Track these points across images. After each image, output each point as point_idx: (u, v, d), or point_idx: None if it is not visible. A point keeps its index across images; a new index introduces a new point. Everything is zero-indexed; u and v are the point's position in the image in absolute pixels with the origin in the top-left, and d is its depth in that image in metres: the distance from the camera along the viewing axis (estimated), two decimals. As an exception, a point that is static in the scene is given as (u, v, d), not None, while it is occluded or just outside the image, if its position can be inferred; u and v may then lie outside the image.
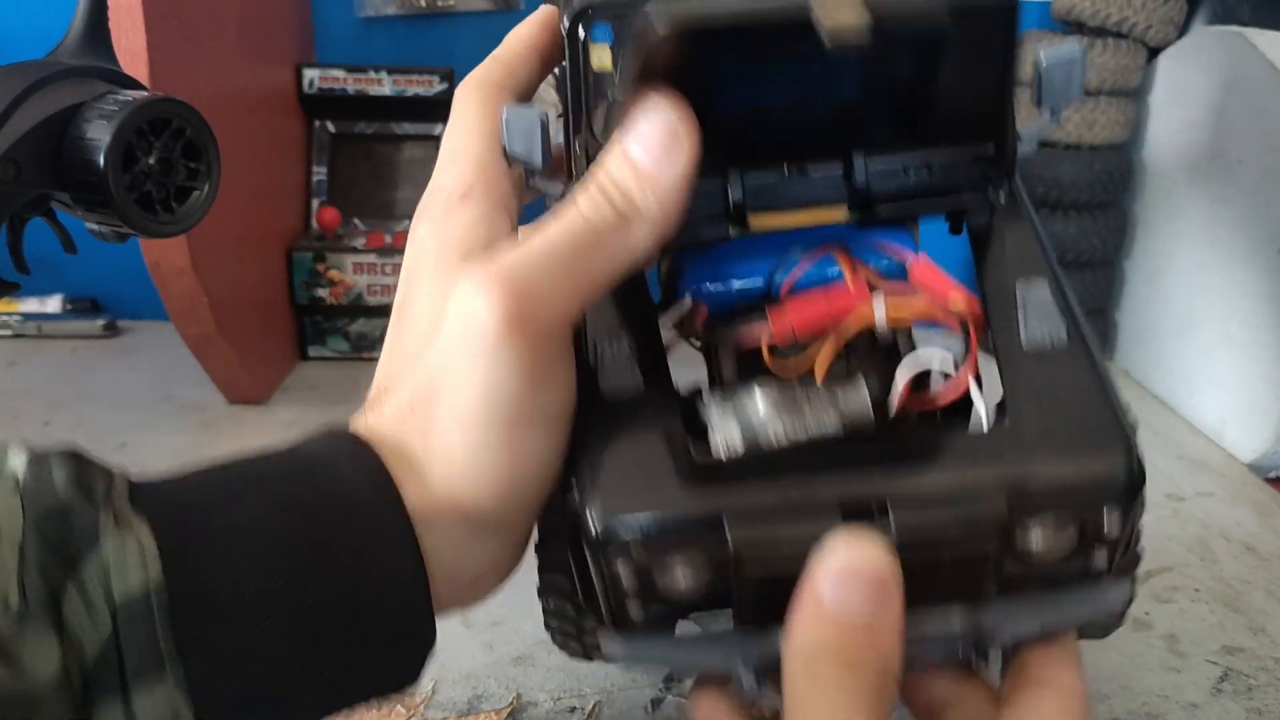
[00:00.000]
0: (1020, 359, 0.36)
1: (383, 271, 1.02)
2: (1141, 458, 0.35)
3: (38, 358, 1.05)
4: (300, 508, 0.31)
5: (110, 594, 0.28)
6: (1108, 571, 0.35)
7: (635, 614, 0.34)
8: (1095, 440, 0.35)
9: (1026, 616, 0.35)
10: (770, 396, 0.36)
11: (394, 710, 0.52)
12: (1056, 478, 0.33)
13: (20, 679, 0.25)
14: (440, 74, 1.04)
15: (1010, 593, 0.34)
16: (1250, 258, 0.89)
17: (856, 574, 0.29)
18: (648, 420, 0.34)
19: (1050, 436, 0.34)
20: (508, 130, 0.42)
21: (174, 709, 0.27)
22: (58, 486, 0.29)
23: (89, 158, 0.49)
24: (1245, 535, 0.72)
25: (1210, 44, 0.98)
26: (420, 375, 0.34)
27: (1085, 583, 0.35)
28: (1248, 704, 0.54)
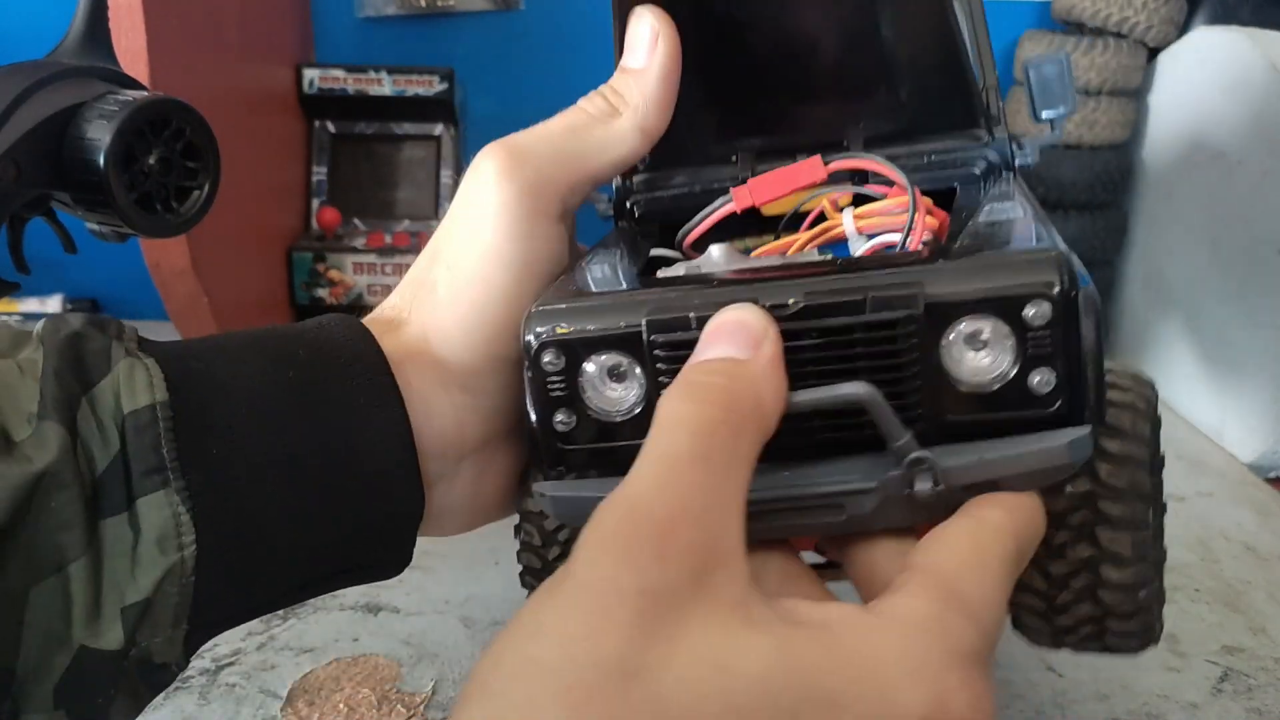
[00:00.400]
0: (973, 226, 0.38)
1: (383, 271, 1.02)
2: (1078, 271, 0.33)
3: (38, 358, 1.05)
4: (291, 358, 0.34)
5: (120, 412, 0.29)
6: (1056, 405, 0.33)
7: (564, 428, 0.35)
8: (1024, 256, 0.34)
9: (965, 454, 0.33)
10: (725, 251, 0.39)
11: (394, 710, 0.53)
12: (976, 279, 0.33)
13: (28, 466, 0.27)
14: (440, 74, 1.04)
15: (952, 438, 0.33)
16: (1250, 258, 0.89)
17: (721, 326, 0.31)
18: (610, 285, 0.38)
19: (976, 255, 0.34)
20: None
21: (175, 516, 0.29)
22: (74, 323, 0.32)
23: (89, 158, 0.50)
24: (1245, 535, 0.72)
25: (1210, 44, 0.98)
26: (426, 251, 0.39)
27: (1032, 426, 0.33)
28: (1248, 704, 0.54)
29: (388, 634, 0.59)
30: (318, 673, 0.56)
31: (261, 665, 0.56)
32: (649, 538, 0.24)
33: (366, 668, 0.56)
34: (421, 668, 0.56)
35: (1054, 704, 0.54)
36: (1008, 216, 0.39)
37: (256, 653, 0.57)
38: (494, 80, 1.14)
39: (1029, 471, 0.33)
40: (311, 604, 0.62)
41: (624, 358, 0.34)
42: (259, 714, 0.52)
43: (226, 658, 0.57)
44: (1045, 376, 0.33)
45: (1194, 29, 1.04)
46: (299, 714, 0.52)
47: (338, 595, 0.63)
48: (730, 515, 0.26)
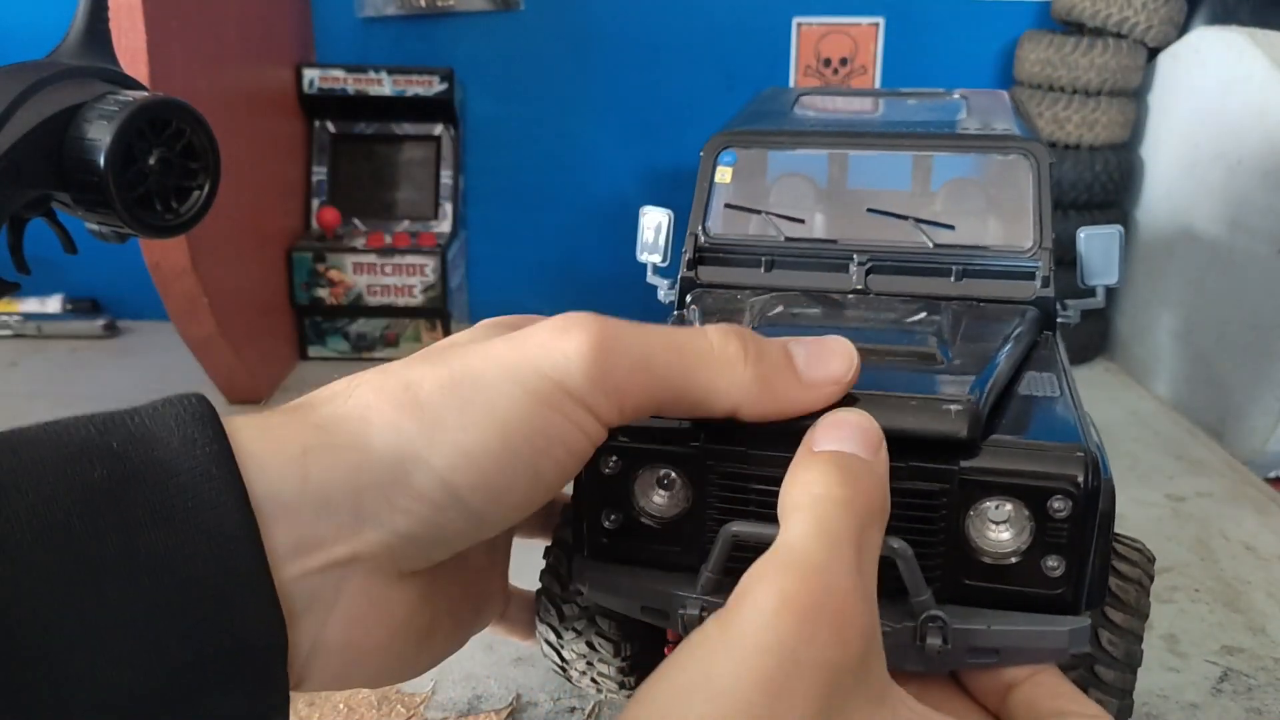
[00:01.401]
0: (1013, 400, 0.40)
1: (383, 271, 1.02)
2: (1103, 467, 0.36)
3: (38, 358, 1.05)
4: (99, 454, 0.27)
5: None
6: (1063, 590, 0.36)
7: (612, 525, 0.38)
8: (1056, 442, 0.36)
9: (975, 621, 0.36)
10: None
11: (394, 710, 0.53)
12: (1007, 462, 0.36)
13: None
14: (440, 74, 1.04)
15: (964, 600, 0.36)
16: (1250, 258, 0.89)
17: (847, 422, 0.31)
18: None
19: (1015, 432, 0.37)
20: (642, 223, 0.56)
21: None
22: None
23: (89, 158, 0.49)
24: (1245, 535, 0.72)
25: (1210, 44, 0.98)
26: (442, 368, 0.31)
27: (1038, 602, 0.36)
28: (1247, 704, 0.54)
29: (388, 634, 0.59)
30: (318, 673, 0.56)
31: (261, 665, 0.56)
32: (830, 613, 0.25)
33: (366, 668, 0.56)
34: (421, 668, 0.56)
35: (1054, 704, 0.54)
36: (1045, 394, 0.41)
37: (256, 653, 0.57)
38: (494, 80, 1.14)
39: (1030, 649, 0.36)
40: (311, 604, 0.62)
41: (675, 471, 0.37)
42: (259, 714, 0.52)
43: (226, 658, 0.57)
44: (1057, 562, 0.36)
45: (1194, 29, 1.04)
46: (299, 714, 0.52)
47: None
48: (876, 605, 0.28)
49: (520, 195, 1.19)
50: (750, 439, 0.35)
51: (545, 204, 1.19)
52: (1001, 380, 0.39)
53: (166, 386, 1.05)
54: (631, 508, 0.38)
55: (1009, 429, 0.37)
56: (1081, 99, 1.02)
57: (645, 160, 1.17)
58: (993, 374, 0.39)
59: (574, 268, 1.20)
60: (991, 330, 0.45)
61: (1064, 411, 0.39)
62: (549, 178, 1.19)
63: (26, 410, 0.91)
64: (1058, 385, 0.42)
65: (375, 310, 1.03)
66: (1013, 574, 0.36)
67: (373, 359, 1.05)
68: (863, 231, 0.53)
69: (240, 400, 0.93)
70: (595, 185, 1.19)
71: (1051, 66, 1.03)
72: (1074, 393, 0.42)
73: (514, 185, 1.19)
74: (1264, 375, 0.86)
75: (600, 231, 1.18)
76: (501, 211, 1.19)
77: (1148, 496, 0.78)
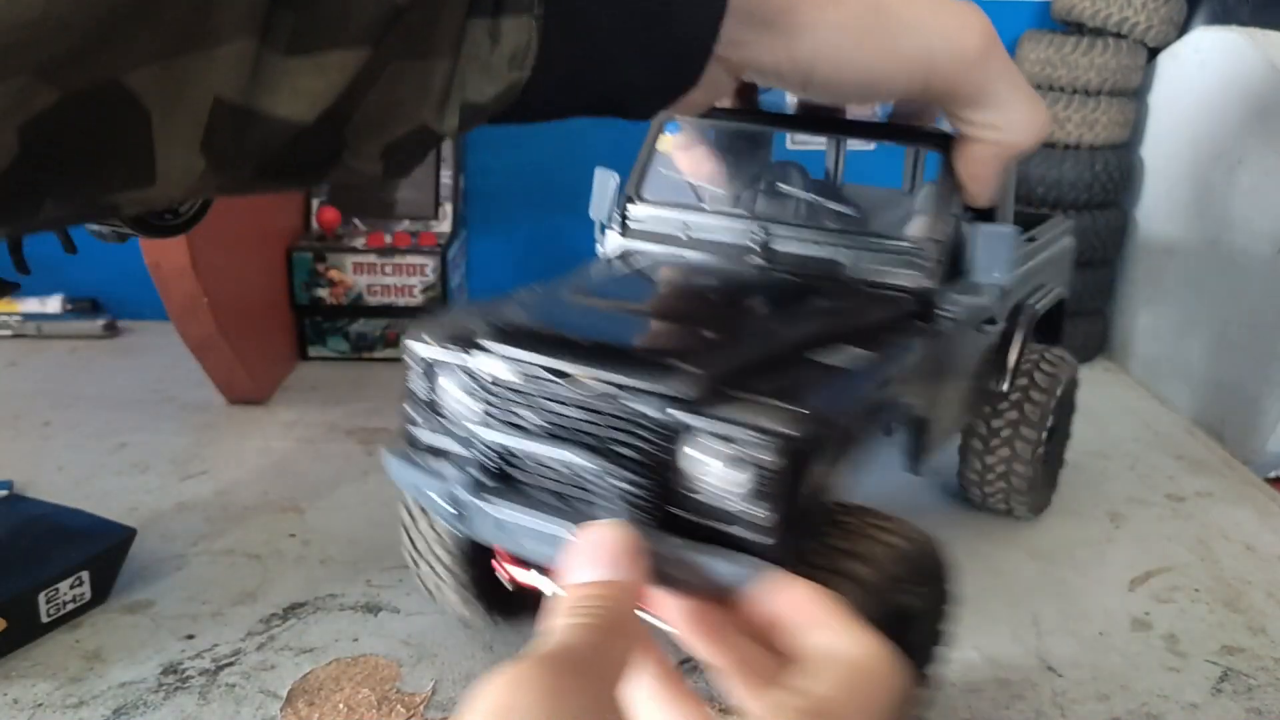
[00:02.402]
0: (795, 367, 0.45)
1: (383, 271, 1.02)
2: (826, 433, 0.41)
3: (38, 358, 1.06)
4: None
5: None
6: (770, 538, 0.40)
7: (420, 423, 0.48)
8: (781, 404, 0.41)
9: (661, 543, 0.41)
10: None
11: (394, 710, 0.53)
12: (736, 413, 0.40)
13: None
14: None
15: (671, 529, 0.41)
16: (1250, 258, 0.89)
17: (589, 545, 0.31)
18: None
19: (757, 392, 0.41)
20: (595, 183, 0.63)
21: (529, 39, 0.32)
22: None
23: (89, 158, 0.49)
24: (1245, 535, 0.72)
25: (1210, 44, 0.98)
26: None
27: (748, 546, 0.41)
28: (1248, 704, 0.54)
29: (388, 634, 0.59)
30: (318, 673, 0.56)
31: (261, 665, 0.56)
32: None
33: (366, 668, 0.56)
34: (421, 668, 0.56)
35: (1054, 704, 0.54)
36: (836, 364, 0.46)
37: (256, 653, 0.57)
38: (494, 80, 1.14)
39: (703, 583, 0.40)
40: (311, 604, 0.62)
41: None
42: (259, 714, 0.52)
43: (226, 658, 0.57)
44: (764, 511, 0.40)
45: (1194, 29, 1.03)
46: (299, 714, 0.52)
47: (338, 595, 0.63)
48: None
49: (520, 195, 1.19)
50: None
51: (545, 204, 1.19)
52: (768, 352, 0.45)
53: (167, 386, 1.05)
54: (435, 409, 0.48)
55: (756, 389, 0.41)
56: (1081, 99, 1.02)
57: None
58: (752, 347, 0.45)
59: (574, 268, 1.20)
60: (812, 309, 0.50)
61: (833, 381, 0.44)
62: (549, 178, 1.19)
63: (26, 410, 0.91)
64: (864, 362, 0.46)
65: (375, 310, 1.03)
66: (727, 518, 0.41)
67: (373, 359, 1.05)
68: (779, 210, 0.57)
69: (240, 400, 0.93)
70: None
71: (1051, 66, 1.03)
72: (885, 370, 0.47)
73: (514, 185, 1.19)
74: (1264, 375, 0.86)
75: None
76: (501, 211, 1.19)
77: (1148, 496, 0.78)
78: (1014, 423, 0.68)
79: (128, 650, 0.57)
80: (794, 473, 0.40)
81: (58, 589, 0.58)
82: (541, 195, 1.19)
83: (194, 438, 0.86)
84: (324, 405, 0.93)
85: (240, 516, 0.73)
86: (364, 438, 0.86)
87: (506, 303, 0.50)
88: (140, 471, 0.79)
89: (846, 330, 0.48)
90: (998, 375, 0.65)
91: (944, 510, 0.75)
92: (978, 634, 0.60)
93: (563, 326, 0.48)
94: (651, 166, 0.62)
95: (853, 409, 0.43)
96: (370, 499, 0.76)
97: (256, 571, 0.66)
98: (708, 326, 0.47)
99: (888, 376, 0.47)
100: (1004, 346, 0.65)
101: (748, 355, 0.44)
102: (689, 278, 0.55)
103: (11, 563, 0.59)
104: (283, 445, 0.85)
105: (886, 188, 0.72)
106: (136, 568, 0.65)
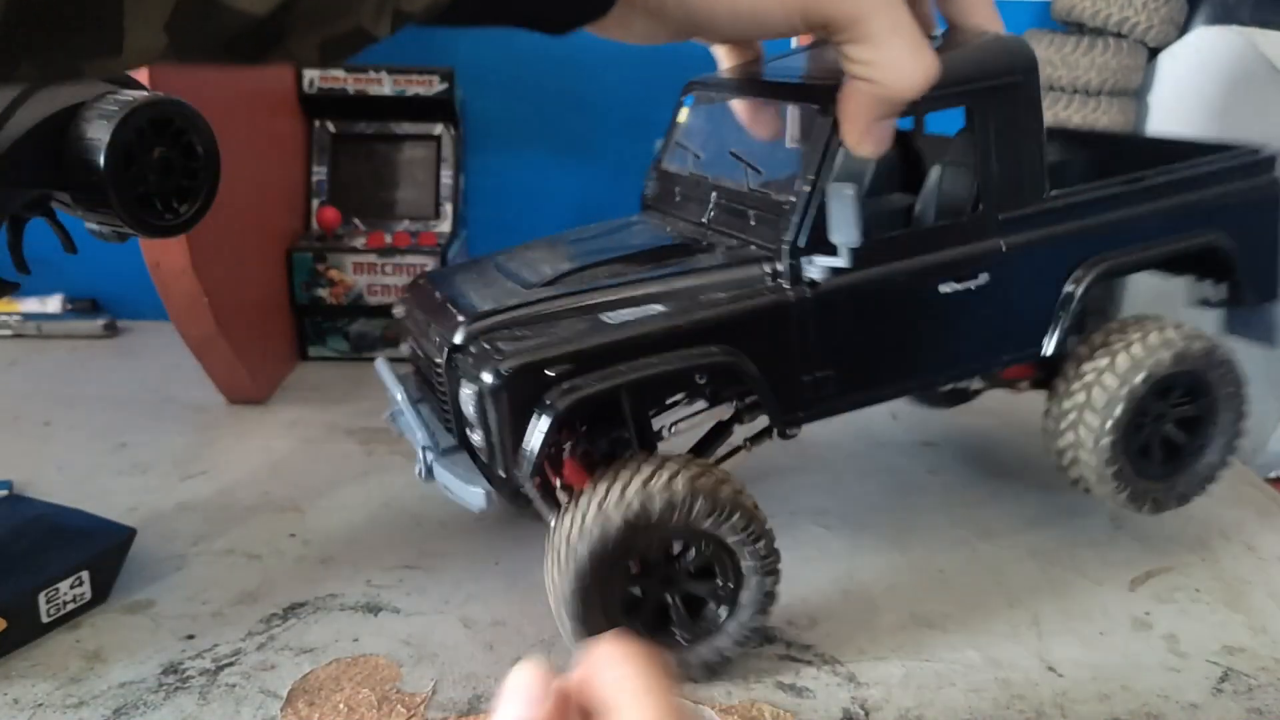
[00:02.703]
0: (575, 319, 0.55)
1: (383, 271, 1.02)
2: (526, 370, 0.50)
3: (38, 358, 1.06)
4: None
5: None
6: (487, 460, 0.53)
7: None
8: (501, 350, 0.52)
9: (441, 464, 0.59)
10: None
11: (394, 710, 0.53)
12: (471, 357, 0.53)
13: None
14: (440, 74, 1.04)
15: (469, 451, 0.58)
16: (1250, 258, 0.88)
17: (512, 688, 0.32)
18: None
19: (493, 333, 0.54)
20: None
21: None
22: None
23: (89, 158, 0.49)
24: (1245, 535, 0.72)
25: (1210, 44, 0.98)
26: None
27: (480, 467, 0.56)
28: (1248, 704, 0.54)
29: (388, 634, 0.59)
30: (318, 673, 0.56)
31: (261, 665, 0.56)
32: None
33: (366, 668, 0.56)
34: (421, 668, 0.56)
35: (1054, 704, 0.54)
36: (617, 321, 0.53)
37: (256, 653, 0.57)
38: (494, 80, 1.14)
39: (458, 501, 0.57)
40: (311, 604, 0.62)
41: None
42: (259, 714, 0.52)
43: (226, 658, 0.57)
44: (479, 436, 0.53)
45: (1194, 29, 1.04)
46: (299, 714, 0.52)
47: (338, 595, 0.63)
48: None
49: (520, 195, 1.19)
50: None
51: (545, 204, 1.19)
52: (550, 309, 0.54)
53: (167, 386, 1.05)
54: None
55: (500, 338, 0.52)
56: (1082, 99, 1.02)
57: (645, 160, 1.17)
58: (539, 305, 0.55)
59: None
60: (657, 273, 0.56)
61: (585, 337, 0.52)
62: (549, 178, 1.19)
63: (26, 410, 0.91)
64: (648, 322, 0.53)
65: (375, 310, 1.03)
66: (467, 441, 0.55)
67: (373, 359, 1.05)
68: (732, 174, 0.61)
69: (240, 400, 0.93)
70: (595, 185, 1.19)
71: (1052, 66, 1.03)
72: (649, 326, 0.53)
73: (514, 185, 1.19)
74: (1264, 375, 0.86)
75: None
76: (501, 211, 1.19)
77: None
78: (1080, 405, 0.63)
79: (128, 650, 0.57)
80: (498, 405, 0.50)
81: (58, 589, 0.58)
82: (541, 195, 1.19)
83: (194, 438, 0.86)
84: (324, 405, 0.93)
85: (240, 516, 0.73)
86: (364, 438, 0.86)
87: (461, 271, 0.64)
88: (140, 471, 0.79)
89: (666, 291, 0.55)
90: (1048, 336, 0.62)
91: (944, 510, 0.75)
92: (978, 634, 0.60)
93: (452, 294, 0.59)
94: (673, 139, 0.69)
95: (573, 357, 0.51)
96: (370, 499, 0.76)
97: (256, 571, 0.66)
98: (532, 286, 0.57)
99: (646, 333, 0.53)
100: (1064, 304, 0.62)
101: (526, 311, 0.54)
102: (581, 242, 0.64)
103: (11, 563, 0.59)
104: (283, 445, 0.85)
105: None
106: (136, 568, 0.65)
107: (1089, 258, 0.62)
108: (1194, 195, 0.63)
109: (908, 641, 0.59)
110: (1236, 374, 0.65)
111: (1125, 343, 0.63)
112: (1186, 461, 0.66)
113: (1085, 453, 0.63)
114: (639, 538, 0.51)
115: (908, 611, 0.62)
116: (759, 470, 0.80)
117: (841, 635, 0.59)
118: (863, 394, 0.59)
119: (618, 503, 0.50)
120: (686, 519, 0.51)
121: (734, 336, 0.54)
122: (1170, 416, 0.65)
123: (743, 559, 0.53)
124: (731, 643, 0.54)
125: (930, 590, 0.64)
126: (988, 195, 0.58)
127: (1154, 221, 0.63)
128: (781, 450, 0.84)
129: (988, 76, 0.56)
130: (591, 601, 0.51)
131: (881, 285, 0.57)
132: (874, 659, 0.57)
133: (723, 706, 0.53)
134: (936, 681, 0.55)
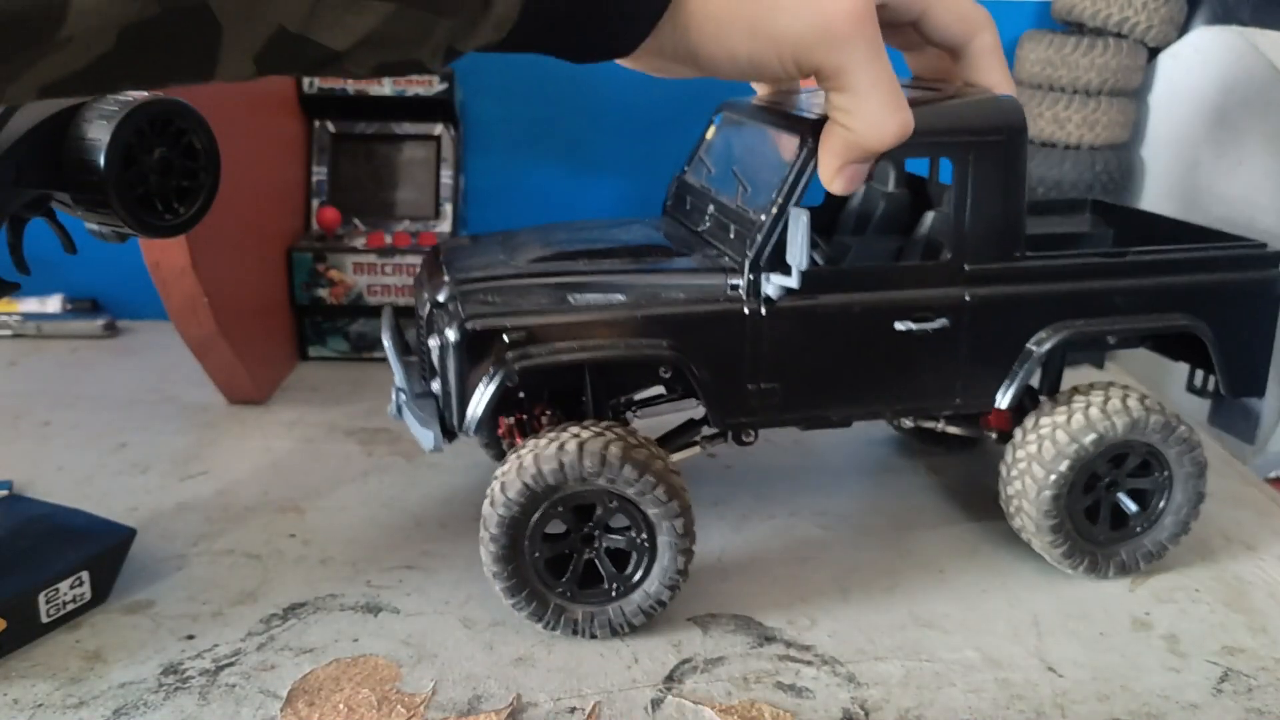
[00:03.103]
0: (554, 292, 0.59)
1: (383, 271, 1.02)
2: (482, 332, 0.56)
3: (38, 358, 1.06)
4: None
5: None
6: (440, 409, 0.60)
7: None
8: (463, 313, 0.57)
9: (415, 404, 0.63)
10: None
11: (394, 710, 0.53)
12: (447, 308, 0.59)
13: None
14: (440, 74, 1.04)
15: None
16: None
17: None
18: None
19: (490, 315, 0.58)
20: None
21: (515, 12, 0.39)
22: None
23: (89, 158, 0.50)
24: (1245, 535, 0.72)
25: (1210, 44, 0.98)
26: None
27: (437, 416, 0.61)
28: (1248, 704, 0.54)
29: (388, 634, 0.59)
30: (318, 673, 0.56)
31: (261, 665, 0.56)
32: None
33: (366, 668, 0.56)
34: (421, 668, 0.56)
35: (1054, 704, 0.54)
36: (586, 302, 0.58)
37: (256, 653, 0.57)
38: (494, 80, 1.14)
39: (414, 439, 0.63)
40: (311, 604, 0.62)
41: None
42: (259, 714, 0.52)
43: (226, 658, 0.57)
44: (437, 385, 0.60)
45: (1194, 29, 1.03)
46: (299, 714, 0.52)
47: (338, 595, 0.63)
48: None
49: (520, 194, 1.19)
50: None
51: (545, 204, 1.19)
52: (526, 283, 0.59)
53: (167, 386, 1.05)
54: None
55: (471, 300, 0.58)
56: (1082, 99, 1.02)
57: (645, 161, 1.17)
58: (518, 277, 0.59)
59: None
60: (633, 265, 0.61)
61: (547, 309, 0.57)
62: (549, 178, 1.19)
63: (26, 410, 0.91)
64: (607, 308, 0.58)
65: (375, 310, 1.03)
66: (435, 388, 0.60)
67: (373, 359, 1.05)
68: (730, 190, 0.64)
69: (240, 400, 0.93)
70: (595, 186, 1.19)
71: (1052, 66, 1.03)
72: (599, 314, 0.58)
73: (514, 185, 1.19)
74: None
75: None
76: (501, 211, 1.19)
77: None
78: (1030, 457, 0.64)
79: (128, 650, 0.57)
80: (458, 359, 0.56)
81: (58, 589, 0.58)
82: (541, 195, 1.19)
83: (194, 438, 0.86)
84: (324, 405, 0.93)
85: (240, 516, 0.73)
86: (364, 438, 0.86)
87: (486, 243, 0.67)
88: (140, 471, 0.79)
89: (632, 284, 0.59)
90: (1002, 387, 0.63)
91: (944, 510, 0.75)
92: (978, 634, 0.60)
93: (450, 259, 0.63)
94: (698, 153, 0.72)
95: (529, 327, 0.56)
96: (370, 499, 0.76)
97: (256, 571, 0.66)
98: (518, 260, 0.62)
99: (601, 318, 0.57)
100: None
101: (504, 282, 0.59)
102: (580, 231, 0.69)
103: (11, 563, 0.59)
104: (283, 445, 0.85)
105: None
106: (136, 568, 0.65)
107: (1055, 322, 0.62)
108: (1174, 279, 0.64)
109: (908, 641, 0.59)
110: (1197, 457, 0.64)
111: (1085, 404, 0.63)
112: (1134, 532, 0.65)
113: (1028, 503, 0.63)
114: (540, 500, 0.56)
115: (908, 611, 0.62)
116: (759, 470, 0.81)
117: (841, 635, 0.59)
118: (808, 412, 0.61)
119: (520, 468, 0.55)
120: (581, 478, 0.55)
121: (682, 335, 0.58)
122: (1125, 485, 0.64)
123: (646, 507, 0.57)
124: (661, 586, 0.58)
125: (930, 590, 0.64)
126: (958, 245, 0.60)
127: (1128, 298, 0.63)
128: (781, 450, 0.84)
129: (971, 132, 0.58)
130: (512, 559, 0.57)
131: (836, 312, 0.59)
132: (874, 659, 0.57)
133: (723, 706, 0.53)
134: (936, 681, 0.55)
